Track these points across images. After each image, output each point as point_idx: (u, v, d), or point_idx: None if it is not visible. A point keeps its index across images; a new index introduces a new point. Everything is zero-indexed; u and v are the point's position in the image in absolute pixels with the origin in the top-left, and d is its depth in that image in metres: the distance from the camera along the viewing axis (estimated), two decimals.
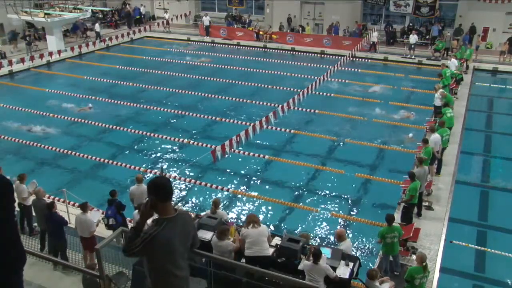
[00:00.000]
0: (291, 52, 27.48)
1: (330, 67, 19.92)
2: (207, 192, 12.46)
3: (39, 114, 17.61)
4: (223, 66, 24.11)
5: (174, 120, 17.41)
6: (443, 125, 12.88)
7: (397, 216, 10.48)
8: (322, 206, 11.82)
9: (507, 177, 13.42)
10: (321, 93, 19.38)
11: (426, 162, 11.52)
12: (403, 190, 11.19)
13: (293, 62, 25.16)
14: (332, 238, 10.48)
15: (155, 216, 3.55)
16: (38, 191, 9.40)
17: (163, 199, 3.45)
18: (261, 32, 28.63)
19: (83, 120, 17.00)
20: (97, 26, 28.98)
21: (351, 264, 7.83)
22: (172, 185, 3.69)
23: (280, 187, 12.83)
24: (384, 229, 8.75)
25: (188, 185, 12.86)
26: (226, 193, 12.39)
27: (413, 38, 24.69)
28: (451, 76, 17.93)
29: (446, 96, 15.12)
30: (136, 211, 8.98)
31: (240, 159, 14.07)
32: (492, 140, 16.31)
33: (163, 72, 23.14)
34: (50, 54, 23.84)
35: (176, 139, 15.52)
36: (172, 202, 3.62)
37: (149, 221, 3.62)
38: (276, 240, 8.28)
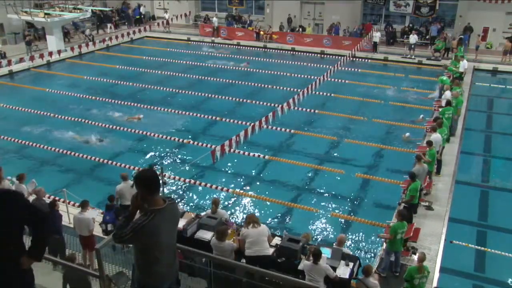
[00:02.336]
0: (291, 52, 27.48)
1: (330, 67, 19.91)
2: (207, 192, 12.45)
3: (39, 114, 17.61)
4: (223, 66, 24.10)
5: (174, 120, 17.39)
6: (441, 126, 12.92)
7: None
8: (322, 206, 11.81)
9: (507, 177, 13.43)
10: (321, 93, 19.38)
11: (430, 165, 11.55)
12: (403, 190, 11.19)
13: (293, 62, 25.16)
14: (331, 237, 10.49)
15: None
16: (39, 191, 9.39)
17: (152, 192, 3.58)
18: (261, 32, 28.64)
19: (83, 120, 17.00)
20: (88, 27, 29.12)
21: (351, 264, 7.83)
22: (159, 176, 3.79)
23: (280, 187, 12.83)
24: (397, 225, 8.77)
25: (188, 185, 12.85)
26: (226, 193, 12.38)
27: (413, 38, 24.70)
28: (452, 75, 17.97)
29: (457, 97, 15.12)
30: None
31: (240, 159, 14.06)
32: (492, 140, 16.32)
33: (163, 72, 23.15)
34: (50, 54, 23.83)
35: (176, 139, 15.52)
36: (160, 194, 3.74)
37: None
38: (276, 240, 8.28)
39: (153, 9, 35.19)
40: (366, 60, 25.08)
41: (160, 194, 3.73)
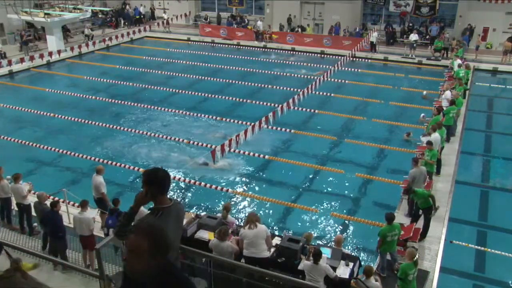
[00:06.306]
0: (291, 52, 27.47)
1: (330, 67, 19.92)
2: (207, 192, 12.45)
3: (39, 114, 17.62)
4: (223, 66, 24.10)
5: (174, 120, 17.40)
6: (441, 126, 12.91)
7: (400, 216, 10.49)
8: (322, 206, 11.81)
9: (507, 177, 13.43)
10: (321, 93, 19.38)
11: (431, 166, 11.53)
12: (403, 190, 11.19)
13: (293, 62, 25.15)
14: (332, 237, 10.49)
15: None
16: (41, 195, 9.40)
17: (164, 191, 3.58)
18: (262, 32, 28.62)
19: (83, 121, 17.01)
20: (86, 28, 29.20)
21: (351, 264, 7.84)
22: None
23: (280, 187, 12.83)
24: (384, 229, 8.73)
25: (188, 185, 12.85)
26: (226, 193, 12.38)
27: (414, 36, 24.74)
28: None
29: (457, 97, 15.14)
30: None
31: (240, 159, 14.06)
32: (492, 140, 16.31)
33: (163, 72, 23.15)
34: (50, 54, 23.82)
35: (176, 139, 15.52)
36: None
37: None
38: (276, 240, 8.27)
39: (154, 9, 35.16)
40: (366, 60, 25.08)
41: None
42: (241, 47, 28.54)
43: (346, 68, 22.50)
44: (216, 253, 7.37)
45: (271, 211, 11.62)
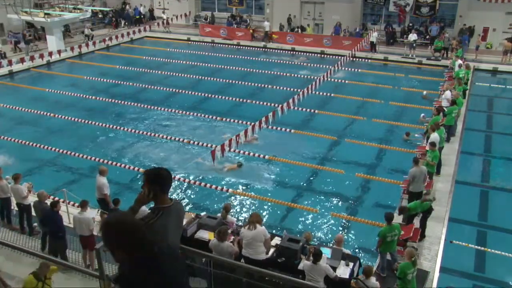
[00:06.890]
0: (291, 52, 27.47)
1: (330, 67, 19.92)
2: (207, 192, 12.45)
3: (39, 114, 17.61)
4: (223, 66, 24.08)
5: (174, 120, 17.39)
6: (439, 127, 12.91)
7: (399, 216, 10.47)
8: (322, 206, 11.81)
9: (507, 177, 13.42)
10: (321, 93, 19.38)
11: (432, 167, 11.52)
12: (403, 191, 11.18)
13: (293, 62, 25.14)
14: (332, 237, 10.49)
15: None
16: (41, 194, 9.40)
17: (166, 190, 3.57)
18: (255, 34, 28.53)
19: (83, 121, 17.01)
20: (86, 28, 29.21)
21: (351, 264, 7.84)
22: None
23: (280, 187, 12.82)
24: (384, 229, 8.73)
25: (188, 185, 12.85)
26: (226, 193, 12.38)
27: (413, 36, 24.74)
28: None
29: (458, 97, 15.14)
30: None
31: (240, 159, 14.06)
32: (492, 140, 16.31)
33: (163, 72, 23.15)
34: (50, 54, 23.82)
35: (176, 139, 15.52)
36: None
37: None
38: (276, 240, 8.28)
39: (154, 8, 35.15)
40: (366, 60, 25.08)
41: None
42: (241, 47, 28.54)
43: (346, 68, 22.49)
44: (216, 253, 7.38)
45: (271, 211, 11.62)
